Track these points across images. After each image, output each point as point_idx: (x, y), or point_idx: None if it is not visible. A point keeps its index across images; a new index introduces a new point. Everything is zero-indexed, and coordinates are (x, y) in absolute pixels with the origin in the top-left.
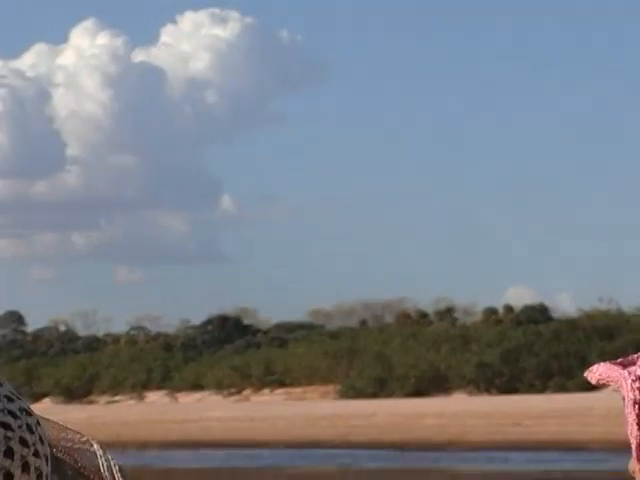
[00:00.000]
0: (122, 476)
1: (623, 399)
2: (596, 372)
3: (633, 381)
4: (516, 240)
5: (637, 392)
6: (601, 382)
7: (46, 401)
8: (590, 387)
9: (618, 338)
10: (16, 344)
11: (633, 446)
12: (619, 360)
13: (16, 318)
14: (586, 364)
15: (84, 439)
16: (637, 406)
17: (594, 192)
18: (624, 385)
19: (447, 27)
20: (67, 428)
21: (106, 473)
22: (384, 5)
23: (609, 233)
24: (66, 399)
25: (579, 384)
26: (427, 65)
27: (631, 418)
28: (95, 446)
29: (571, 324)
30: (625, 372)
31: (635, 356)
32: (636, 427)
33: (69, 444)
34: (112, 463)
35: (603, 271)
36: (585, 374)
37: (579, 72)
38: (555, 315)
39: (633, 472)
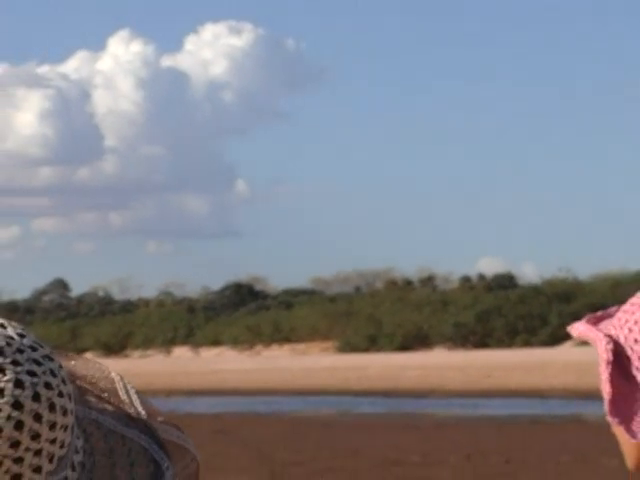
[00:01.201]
0: (138, 397)
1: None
2: (577, 329)
3: (607, 343)
4: (486, 216)
5: (610, 353)
6: (581, 338)
7: (87, 355)
8: (550, 343)
9: (574, 302)
10: (62, 307)
11: (605, 401)
12: (599, 313)
13: (62, 285)
14: (547, 324)
15: (104, 370)
16: (609, 365)
17: (556, 170)
18: (599, 345)
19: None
20: (89, 360)
21: (124, 396)
22: (376, 16)
23: (569, 210)
24: (104, 354)
25: (541, 341)
26: (418, 68)
27: (604, 376)
28: (113, 374)
29: (534, 290)
30: (601, 334)
31: (613, 309)
32: (608, 385)
33: (92, 374)
34: (128, 387)
35: (562, 244)
36: (568, 329)
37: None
38: (521, 282)
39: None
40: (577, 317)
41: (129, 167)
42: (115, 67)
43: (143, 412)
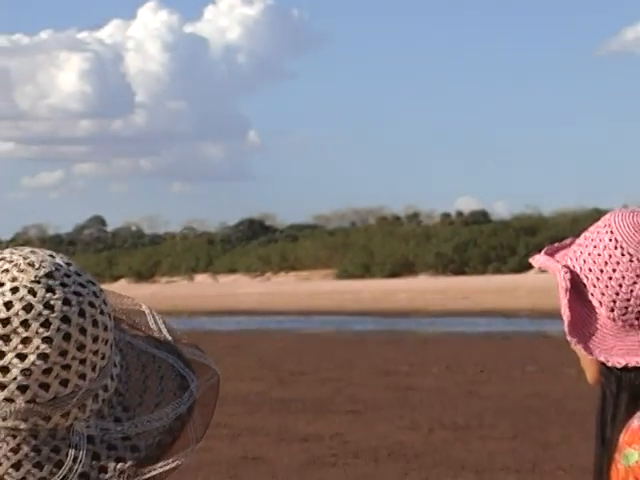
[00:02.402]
0: (166, 328)
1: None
2: (537, 261)
3: (565, 272)
4: (464, 162)
5: (568, 282)
6: (542, 268)
7: (122, 281)
8: (518, 270)
9: (539, 235)
10: (99, 240)
11: (565, 324)
12: (555, 245)
13: (99, 221)
14: (515, 254)
15: (135, 303)
16: (568, 293)
17: (523, 120)
18: (558, 275)
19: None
20: (123, 296)
21: (154, 325)
22: None
23: (535, 155)
24: (136, 280)
25: (510, 268)
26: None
27: (563, 302)
28: (144, 307)
29: (504, 225)
30: (559, 265)
31: (568, 241)
32: (567, 309)
33: (125, 307)
34: (157, 317)
35: (529, 185)
36: (530, 260)
37: None
38: (493, 218)
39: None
40: (541, 248)
41: (156, 119)
42: (144, 33)
43: (170, 337)
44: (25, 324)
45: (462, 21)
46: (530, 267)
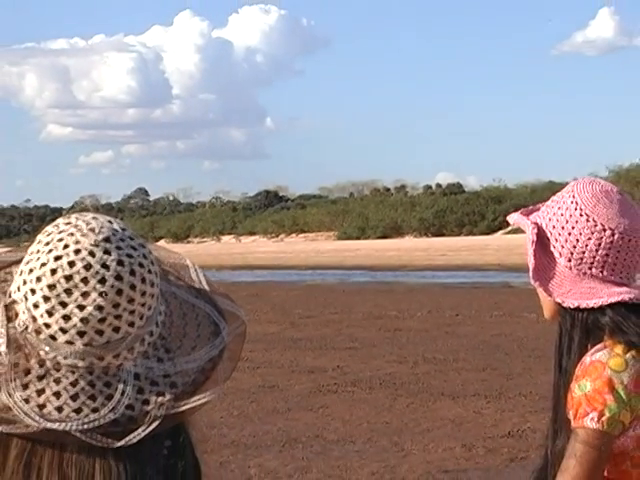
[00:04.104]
0: (205, 280)
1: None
2: (512, 218)
3: (533, 228)
4: (443, 143)
5: (534, 235)
6: (515, 225)
7: (162, 242)
8: (487, 233)
9: (504, 203)
10: (143, 207)
11: (530, 270)
12: (530, 207)
13: (143, 192)
14: (484, 219)
15: (181, 258)
16: (534, 244)
17: (492, 103)
18: (527, 229)
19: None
20: (172, 251)
21: (195, 277)
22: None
23: (501, 136)
24: (173, 241)
25: (480, 231)
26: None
27: (530, 252)
28: (188, 261)
29: (476, 195)
30: (529, 221)
31: (539, 205)
32: (532, 258)
33: (172, 261)
34: (198, 270)
35: (496, 162)
36: (507, 218)
37: None
38: (467, 189)
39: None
40: (506, 214)
41: (190, 109)
42: (179, 37)
43: (207, 288)
44: (84, 280)
45: (431, 22)
46: (497, 230)
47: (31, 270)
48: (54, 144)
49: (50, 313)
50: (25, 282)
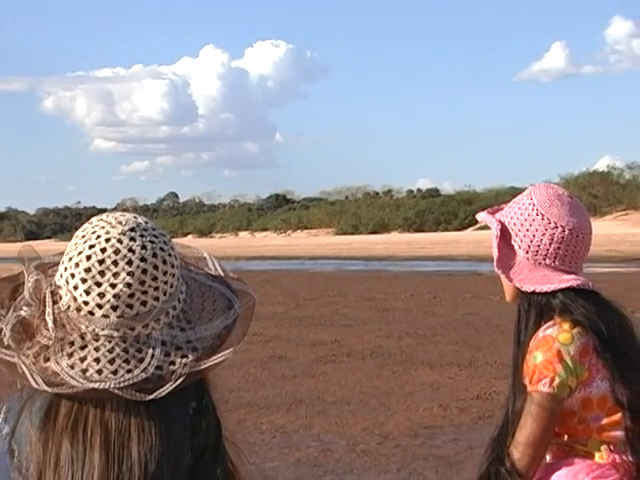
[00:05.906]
0: (220, 267)
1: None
2: (481, 216)
3: (497, 225)
4: (422, 153)
5: (498, 231)
6: (483, 222)
7: (189, 237)
8: (459, 229)
9: (473, 205)
10: (174, 208)
11: (494, 260)
12: (495, 207)
13: (174, 195)
14: (457, 218)
15: (199, 251)
16: (498, 238)
17: (462, 113)
18: (492, 226)
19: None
20: (190, 246)
21: (212, 266)
22: (362, 32)
23: (471, 147)
24: (199, 236)
25: (454, 227)
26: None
27: (494, 245)
28: (205, 253)
29: (450, 198)
30: (494, 219)
31: (504, 205)
32: (496, 250)
33: (191, 254)
34: (214, 261)
35: (467, 170)
36: (476, 216)
37: None
38: (442, 193)
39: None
40: (475, 213)
41: (212, 126)
42: (204, 67)
43: (222, 274)
44: (115, 263)
45: (407, 53)
46: (467, 227)
47: (70, 259)
48: (100, 156)
49: (87, 292)
50: (66, 269)
